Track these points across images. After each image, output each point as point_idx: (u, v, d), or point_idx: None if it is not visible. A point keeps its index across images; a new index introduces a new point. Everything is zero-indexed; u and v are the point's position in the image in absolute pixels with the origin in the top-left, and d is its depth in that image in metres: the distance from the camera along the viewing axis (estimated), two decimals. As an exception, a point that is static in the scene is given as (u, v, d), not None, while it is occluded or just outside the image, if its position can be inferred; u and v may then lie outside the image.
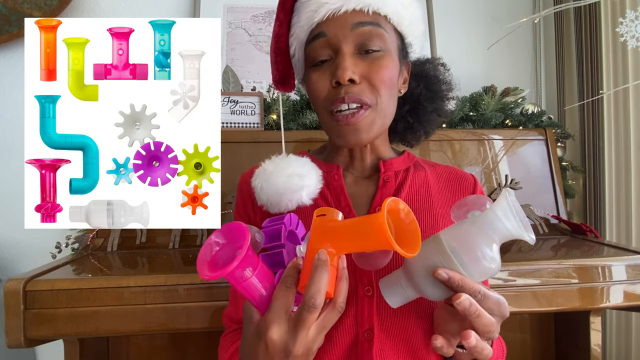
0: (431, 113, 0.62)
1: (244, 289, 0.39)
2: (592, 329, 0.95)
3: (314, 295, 0.36)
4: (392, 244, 0.35)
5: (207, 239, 0.39)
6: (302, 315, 0.37)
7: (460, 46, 1.46)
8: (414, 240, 0.39)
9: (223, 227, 0.40)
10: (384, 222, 0.35)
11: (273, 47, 0.55)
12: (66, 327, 0.74)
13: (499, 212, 0.40)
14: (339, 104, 0.51)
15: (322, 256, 0.38)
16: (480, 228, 0.41)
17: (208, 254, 0.39)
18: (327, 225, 0.40)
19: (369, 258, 0.42)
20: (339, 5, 0.49)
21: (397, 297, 0.45)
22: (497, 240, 0.41)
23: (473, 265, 0.41)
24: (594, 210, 1.27)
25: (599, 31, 1.22)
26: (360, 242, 0.39)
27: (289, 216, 0.44)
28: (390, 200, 0.38)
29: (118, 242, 1.03)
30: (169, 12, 1.37)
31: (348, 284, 0.41)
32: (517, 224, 0.40)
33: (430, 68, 0.62)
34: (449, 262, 0.41)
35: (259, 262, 0.40)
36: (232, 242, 0.39)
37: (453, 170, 0.63)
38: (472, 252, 0.41)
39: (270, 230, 0.43)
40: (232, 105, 1.15)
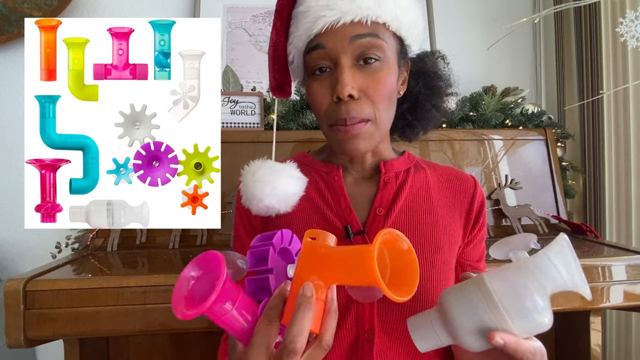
0: (430, 110, 0.62)
1: (223, 324, 0.36)
2: (592, 329, 0.95)
3: (294, 340, 0.33)
4: (380, 285, 0.31)
5: (181, 272, 0.36)
6: (282, 358, 0.34)
7: (460, 46, 1.46)
8: (411, 281, 0.35)
9: (197, 258, 0.37)
10: (373, 258, 0.31)
11: (271, 54, 0.55)
12: (66, 327, 0.74)
13: (554, 257, 0.36)
14: (341, 124, 0.51)
15: (306, 292, 0.35)
16: (530, 274, 0.36)
17: (184, 288, 0.36)
18: (318, 251, 0.37)
19: (361, 290, 0.39)
20: (337, 17, 0.48)
21: (428, 342, 0.40)
22: (549, 291, 0.36)
23: (522, 320, 0.36)
24: (594, 210, 1.27)
25: (599, 31, 1.22)
26: (349, 276, 0.35)
27: (280, 233, 0.41)
28: (386, 232, 0.34)
29: (118, 242, 1.02)
30: (169, 12, 1.37)
31: (337, 317, 0.37)
32: (577, 274, 0.35)
33: (429, 64, 0.62)
34: (498, 316, 0.36)
35: (239, 293, 0.37)
36: (209, 272, 0.36)
37: (453, 171, 0.63)
38: (522, 302, 0.36)
39: (258, 252, 0.40)
40: (232, 105, 1.15)
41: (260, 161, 0.53)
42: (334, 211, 0.56)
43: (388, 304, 0.52)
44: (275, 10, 0.53)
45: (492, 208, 1.17)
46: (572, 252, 0.36)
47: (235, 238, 0.62)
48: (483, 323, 0.37)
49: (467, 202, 0.59)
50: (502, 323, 0.36)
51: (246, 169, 0.53)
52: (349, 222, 0.54)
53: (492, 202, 1.18)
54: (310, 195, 0.57)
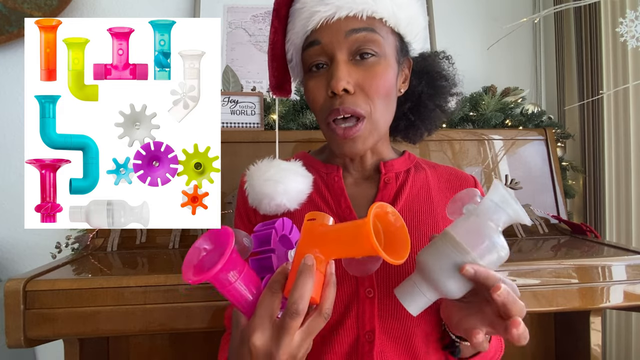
0: (433, 110, 0.62)
1: (229, 294, 0.38)
2: (592, 329, 0.95)
3: (296, 301, 0.36)
4: (378, 251, 0.35)
5: (193, 245, 0.38)
6: (285, 322, 0.36)
7: (461, 46, 1.45)
8: (403, 246, 0.39)
9: (209, 232, 0.39)
10: (369, 229, 0.35)
11: (269, 53, 0.55)
12: (66, 327, 0.74)
13: (496, 199, 0.41)
14: (335, 115, 0.51)
15: (307, 261, 0.37)
16: (484, 217, 0.42)
17: (195, 258, 0.38)
18: (317, 230, 0.40)
19: (358, 264, 0.42)
20: (331, 12, 0.48)
21: (418, 302, 0.44)
22: (501, 226, 0.42)
23: (486, 256, 0.41)
24: (594, 210, 1.27)
25: (599, 31, 1.22)
26: (348, 248, 0.38)
27: (281, 220, 0.43)
28: (377, 206, 0.38)
29: (118, 242, 1.02)
30: (169, 12, 1.37)
31: (335, 289, 0.40)
32: (517, 206, 0.41)
33: (433, 63, 0.61)
34: (465, 255, 0.41)
35: (245, 266, 0.39)
36: (218, 247, 0.38)
37: (453, 171, 0.63)
38: (483, 243, 0.41)
39: (261, 235, 0.42)
40: (232, 105, 1.15)
41: (268, 160, 0.54)
42: (334, 212, 0.56)
43: (389, 306, 0.52)
44: (273, 9, 0.53)
45: (492, 208, 1.17)
46: (507, 191, 0.42)
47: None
48: (455, 263, 0.41)
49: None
50: (469, 258, 0.41)
51: (252, 169, 0.53)
52: None
53: (492, 202, 1.18)
54: (310, 196, 0.57)
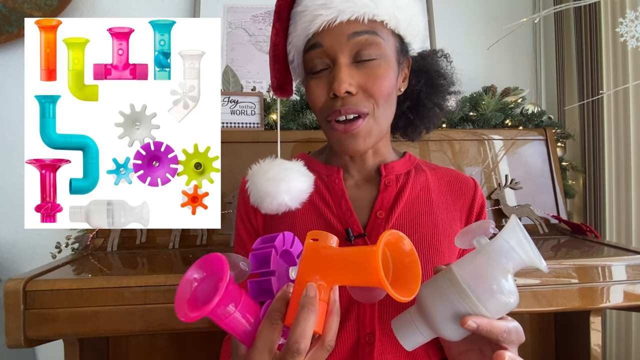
0: (432, 109, 0.62)
1: (227, 326, 0.36)
2: (592, 329, 0.94)
3: (298, 340, 0.33)
4: (384, 285, 0.32)
5: (184, 275, 0.36)
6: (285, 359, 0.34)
7: (461, 46, 1.45)
8: (413, 281, 0.36)
9: (200, 260, 0.37)
10: (377, 260, 0.32)
11: (271, 55, 0.55)
12: (66, 327, 0.74)
13: (510, 240, 0.38)
14: (336, 116, 0.51)
15: (310, 292, 0.35)
16: (492, 258, 0.38)
17: (187, 290, 0.36)
18: (320, 252, 0.37)
19: (363, 291, 0.39)
20: (333, 16, 0.48)
21: (413, 339, 0.42)
22: (512, 270, 0.38)
23: (491, 302, 0.38)
24: (594, 210, 1.27)
25: (599, 31, 1.22)
26: (352, 277, 0.36)
27: (281, 236, 0.41)
28: (389, 234, 0.35)
29: (118, 242, 1.02)
30: (168, 12, 1.37)
31: (339, 318, 0.37)
32: (532, 251, 0.37)
33: (431, 62, 0.61)
34: (469, 302, 0.38)
35: (242, 295, 0.37)
36: (212, 274, 0.36)
37: (454, 173, 0.63)
38: (489, 287, 0.38)
39: (260, 255, 0.40)
40: (232, 105, 1.15)
41: (270, 160, 0.53)
42: (335, 214, 0.56)
43: (389, 307, 0.52)
44: (274, 11, 0.53)
45: (492, 208, 1.17)
46: (523, 232, 0.38)
47: (236, 239, 0.62)
48: (456, 310, 0.38)
49: (468, 204, 0.59)
50: (473, 307, 0.38)
51: (255, 169, 0.53)
52: (349, 224, 0.54)
53: (492, 202, 1.18)
54: (311, 198, 0.57)
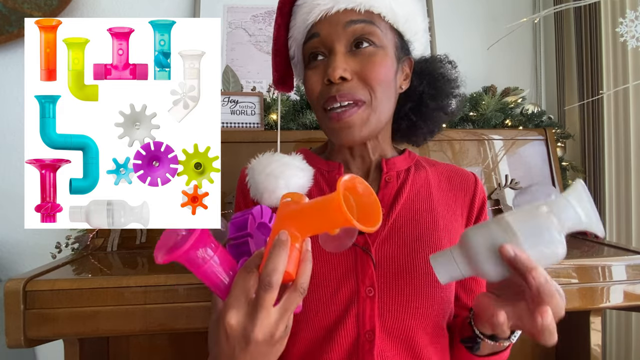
0: (435, 111, 0.62)
1: (203, 275, 0.37)
2: (592, 329, 0.95)
3: (269, 274, 0.35)
4: (350, 220, 0.34)
5: (168, 229, 0.37)
6: (259, 296, 0.35)
7: (460, 46, 1.45)
8: (376, 214, 0.38)
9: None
10: (340, 199, 0.34)
11: (273, 48, 0.57)
12: (66, 327, 0.74)
13: (573, 199, 0.39)
14: (332, 103, 0.51)
15: (282, 236, 0.36)
16: (550, 211, 0.39)
17: (170, 240, 0.37)
18: (291, 208, 0.39)
19: (334, 240, 0.41)
20: (330, 5, 0.50)
21: (449, 273, 0.43)
22: (566, 228, 0.39)
23: (539, 247, 0.39)
24: (594, 210, 1.27)
25: (599, 31, 1.22)
26: (321, 222, 0.38)
27: (259, 207, 0.43)
28: (347, 179, 0.37)
29: (118, 242, 1.02)
30: (168, 12, 1.37)
31: (312, 266, 0.39)
32: (593, 213, 0.38)
33: (435, 66, 0.61)
34: (514, 239, 0.39)
35: (219, 247, 0.38)
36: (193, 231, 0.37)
37: (454, 169, 0.63)
38: (540, 234, 0.39)
39: (238, 221, 0.42)
40: (232, 105, 1.15)
41: (269, 154, 0.54)
42: (335, 210, 0.56)
43: (389, 305, 0.52)
44: (277, 7, 0.54)
45: (492, 208, 1.17)
46: (587, 195, 0.39)
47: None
48: (498, 245, 0.39)
49: (469, 199, 0.60)
50: (515, 242, 0.39)
51: (254, 163, 0.54)
52: None
53: (492, 202, 1.18)
54: (311, 194, 0.57)
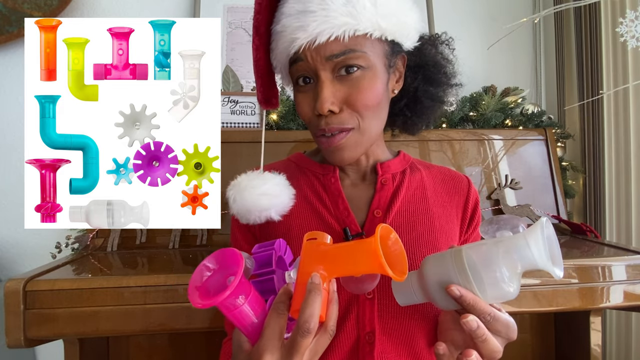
0: (430, 106, 0.61)
1: (235, 318, 0.38)
2: (592, 329, 0.95)
3: (308, 320, 0.36)
4: (385, 269, 0.35)
5: (199, 265, 0.38)
6: (296, 341, 0.36)
7: (460, 46, 1.45)
8: (402, 265, 0.40)
9: (216, 253, 0.39)
10: (378, 248, 0.35)
11: (254, 69, 0.55)
12: (66, 327, 0.74)
13: (529, 239, 0.39)
14: (322, 133, 0.51)
15: (315, 280, 0.37)
16: (506, 250, 0.40)
17: (199, 279, 0.38)
18: (318, 249, 0.40)
19: (356, 282, 0.42)
20: (312, 38, 0.47)
21: (405, 298, 0.45)
22: (520, 267, 0.40)
23: (489, 286, 0.40)
24: (594, 210, 1.27)
25: (599, 31, 1.22)
26: (352, 267, 0.39)
27: (278, 242, 0.44)
28: (383, 227, 0.39)
29: (118, 242, 1.02)
30: (168, 12, 1.37)
31: (338, 307, 0.40)
32: (546, 256, 0.38)
33: (430, 54, 0.60)
34: (464, 278, 0.40)
35: (252, 289, 0.39)
36: (223, 268, 0.38)
37: (447, 171, 0.63)
38: (491, 271, 0.40)
39: (261, 257, 0.42)
40: (232, 105, 1.15)
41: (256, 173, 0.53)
42: (332, 213, 0.56)
43: (389, 307, 0.52)
44: (252, 25, 0.52)
45: (492, 208, 1.17)
46: (545, 236, 0.39)
47: (232, 239, 0.62)
48: (450, 280, 0.41)
49: (462, 201, 0.60)
50: (466, 284, 0.40)
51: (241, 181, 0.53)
52: (347, 224, 0.54)
53: (492, 202, 1.18)
54: (307, 198, 0.57)
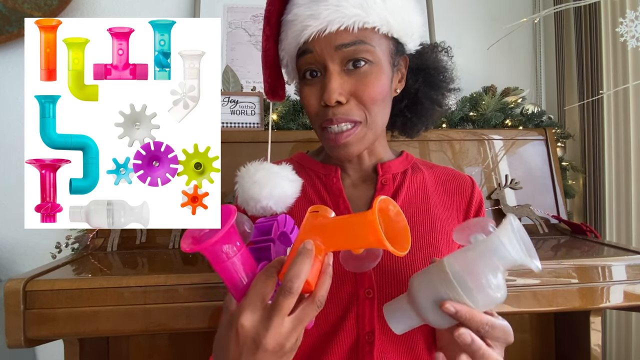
0: (430, 108, 0.61)
1: (223, 271, 0.37)
2: (592, 329, 0.95)
3: (292, 279, 0.34)
4: (382, 242, 0.34)
5: None
6: (277, 300, 0.35)
7: (460, 46, 1.45)
8: (404, 240, 0.38)
9: None
10: (375, 220, 0.34)
11: (263, 60, 0.55)
12: (66, 327, 0.74)
13: (503, 238, 0.39)
14: (329, 124, 0.51)
15: (307, 245, 0.36)
16: (483, 254, 0.40)
17: (196, 232, 0.38)
18: (319, 220, 0.39)
19: (355, 259, 0.41)
20: (322, 26, 0.48)
21: (402, 324, 0.44)
22: (502, 268, 0.40)
23: (478, 294, 0.39)
24: (594, 210, 1.27)
25: (599, 31, 1.22)
26: (350, 240, 0.38)
27: (284, 216, 0.43)
28: (381, 200, 0.37)
29: (118, 242, 1.02)
30: (169, 12, 1.37)
31: (331, 281, 0.38)
32: (523, 252, 0.38)
33: (429, 59, 0.61)
34: (453, 291, 0.40)
35: (243, 247, 0.38)
36: (222, 224, 0.38)
37: (451, 172, 0.63)
38: (477, 280, 0.39)
39: (263, 226, 0.42)
40: (232, 105, 1.15)
41: (257, 163, 0.53)
42: (333, 212, 0.56)
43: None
44: (264, 16, 0.53)
45: (492, 208, 1.17)
46: (517, 232, 0.39)
47: None
48: (441, 297, 0.40)
49: (465, 202, 0.59)
50: (457, 296, 0.39)
51: (243, 171, 0.53)
52: None
53: (492, 202, 1.18)
54: (309, 197, 0.57)
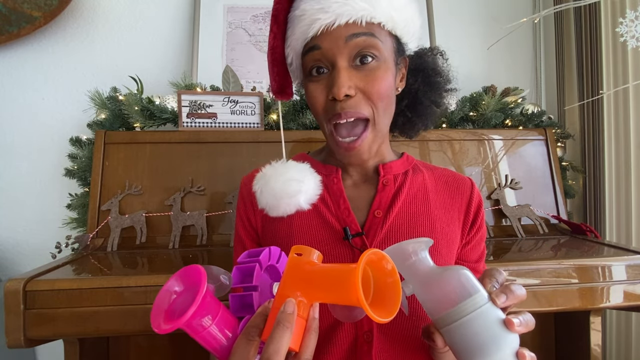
0: (429, 106, 0.62)
1: (202, 339, 0.36)
2: (592, 329, 0.95)
3: (270, 357, 0.32)
4: (363, 305, 0.31)
5: (163, 286, 0.36)
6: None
7: (460, 46, 1.45)
8: (393, 301, 0.35)
9: (180, 272, 0.36)
10: (357, 280, 0.31)
11: (269, 58, 0.55)
12: (66, 327, 0.74)
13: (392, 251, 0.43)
14: (337, 119, 0.51)
15: (287, 308, 0.34)
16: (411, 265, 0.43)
17: (165, 303, 0.35)
18: (302, 268, 0.36)
19: (344, 309, 0.39)
20: (332, 20, 0.49)
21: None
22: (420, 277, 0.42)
23: (431, 305, 0.42)
24: (594, 210, 1.27)
25: (599, 31, 1.22)
26: (332, 295, 0.35)
27: (267, 250, 0.41)
28: (372, 253, 0.34)
29: (118, 242, 1.03)
30: (169, 12, 1.37)
31: (317, 336, 0.36)
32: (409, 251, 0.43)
33: (428, 60, 0.62)
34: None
35: (220, 309, 0.36)
36: (191, 287, 0.36)
37: (451, 173, 0.63)
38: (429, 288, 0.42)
39: (244, 268, 0.40)
40: (232, 105, 1.15)
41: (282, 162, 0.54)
42: (333, 213, 0.56)
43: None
44: (271, 14, 0.53)
45: (492, 208, 1.17)
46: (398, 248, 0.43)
47: (235, 239, 0.62)
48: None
49: (465, 203, 0.60)
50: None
51: (268, 171, 0.53)
52: (347, 224, 0.55)
53: (492, 202, 1.18)
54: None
